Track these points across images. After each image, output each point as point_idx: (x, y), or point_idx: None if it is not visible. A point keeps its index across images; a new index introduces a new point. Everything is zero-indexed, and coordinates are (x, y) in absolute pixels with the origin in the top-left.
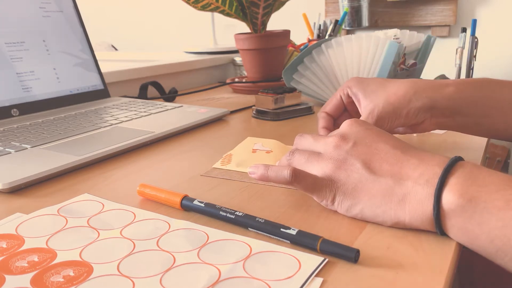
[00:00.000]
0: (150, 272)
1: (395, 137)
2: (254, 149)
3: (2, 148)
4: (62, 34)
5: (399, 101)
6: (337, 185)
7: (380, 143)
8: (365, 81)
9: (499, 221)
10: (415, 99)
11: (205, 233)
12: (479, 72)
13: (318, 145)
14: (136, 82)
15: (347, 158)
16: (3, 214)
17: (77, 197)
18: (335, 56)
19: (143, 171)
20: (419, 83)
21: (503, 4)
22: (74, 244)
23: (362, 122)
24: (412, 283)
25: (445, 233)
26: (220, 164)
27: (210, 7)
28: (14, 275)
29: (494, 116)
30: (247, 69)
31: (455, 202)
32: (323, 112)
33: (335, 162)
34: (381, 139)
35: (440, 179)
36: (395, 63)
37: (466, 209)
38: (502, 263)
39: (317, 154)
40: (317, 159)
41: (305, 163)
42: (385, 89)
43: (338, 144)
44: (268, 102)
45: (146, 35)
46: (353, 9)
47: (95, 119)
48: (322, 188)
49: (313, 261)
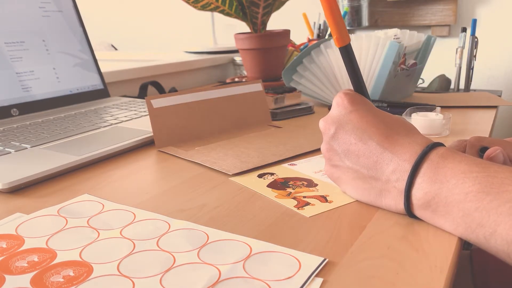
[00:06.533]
0: (150, 272)
1: (376, 117)
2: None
3: (2, 148)
4: (61, 34)
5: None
6: (331, 172)
7: (359, 132)
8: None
9: (460, 211)
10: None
11: (205, 233)
12: (479, 72)
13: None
14: (136, 82)
15: (331, 145)
16: (3, 214)
17: (77, 197)
18: (334, 56)
19: (143, 171)
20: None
21: (503, 4)
22: (74, 244)
23: (349, 101)
24: (412, 283)
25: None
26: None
27: (210, 6)
28: (14, 275)
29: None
30: (247, 69)
31: (421, 198)
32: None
33: (324, 150)
34: (360, 127)
35: (409, 179)
36: (395, 63)
37: (431, 204)
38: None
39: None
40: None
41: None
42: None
43: (324, 132)
44: (268, 102)
45: (146, 35)
46: (353, 8)
47: (95, 119)
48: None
49: (313, 261)
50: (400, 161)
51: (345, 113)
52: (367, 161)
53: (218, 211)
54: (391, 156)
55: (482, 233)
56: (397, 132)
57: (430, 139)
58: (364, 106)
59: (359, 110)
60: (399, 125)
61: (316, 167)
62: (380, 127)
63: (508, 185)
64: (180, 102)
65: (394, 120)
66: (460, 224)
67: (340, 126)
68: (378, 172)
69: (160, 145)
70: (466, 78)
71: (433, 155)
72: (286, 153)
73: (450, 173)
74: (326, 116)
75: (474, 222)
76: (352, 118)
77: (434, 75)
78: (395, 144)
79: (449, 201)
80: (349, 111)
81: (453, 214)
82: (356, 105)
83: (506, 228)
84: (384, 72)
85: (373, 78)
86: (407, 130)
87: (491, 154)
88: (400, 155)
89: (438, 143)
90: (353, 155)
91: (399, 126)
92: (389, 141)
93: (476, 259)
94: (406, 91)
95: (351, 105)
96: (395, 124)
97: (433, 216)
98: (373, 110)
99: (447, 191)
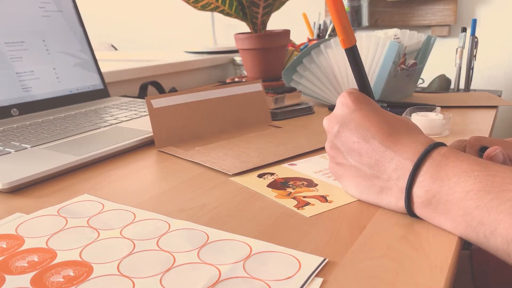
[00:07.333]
0: (150, 272)
1: (380, 116)
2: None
3: (2, 148)
4: (61, 34)
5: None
6: (334, 169)
7: (362, 131)
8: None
9: (460, 210)
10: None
11: (205, 233)
12: (479, 72)
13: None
14: (136, 82)
15: (334, 144)
16: (3, 214)
17: (77, 197)
18: (334, 56)
19: (143, 171)
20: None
21: (503, 4)
22: (74, 244)
23: (353, 100)
24: (412, 283)
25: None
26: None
27: (210, 6)
28: (14, 275)
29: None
30: (247, 69)
31: (422, 196)
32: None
33: (328, 148)
34: (364, 126)
35: (410, 177)
36: (395, 63)
37: (432, 202)
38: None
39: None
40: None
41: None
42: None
43: (327, 130)
44: (268, 102)
45: (146, 35)
46: (353, 8)
47: (95, 118)
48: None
49: (313, 261)
50: (402, 159)
51: (348, 112)
52: (369, 159)
53: (218, 211)
54: (393, 154)
55: (482, 232)
56: (400, 132)
57: (432, 139)
58: (368, 105)
59: (363, 110)
60: (402, 125)
61: (316, 167)
62: (383, 127)
63: (508, 184)
64: (180, 102)
65: (397, 120)
66: (460, 223)
67: (343, 125)
68: (380, 170)
69: (160, 145)
70: (466, 78)
71: (435, 154)
72: (286, 153)
73: (452, 171)
74: (330, 115)
75: (475, 220)
76: (356, 117)
77: (434, 75)
78: (397, 143)
79: (450, 199)
80: (352, 110)
81: (453, 212)
82: (359, 104)
83: (506, 226)
84: (384, 72)
85: (373, 78)
86: (410, 130)
87: (490, 153)
88: (402, 153)
89: (440, 143)
90: (356, 153)
91: (402, 126)
92: (391, 140)
93: (476, 259)
94: (406, 91)
95: (354, 104)
96: (398, 123)
97: (433, 215)
98: (376, 109)
99: (448, 189)
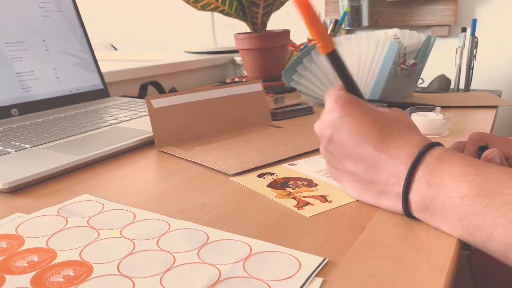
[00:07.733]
0: (150, 272)
1: (371, 118)
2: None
3: (2, 148)
4: (61, 34)
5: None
6: (332, 172)
7: (354, 136)
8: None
9: (457, 215)
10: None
11: (205, 233)
12: (479, 72)
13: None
14: (136, 82)
15: (328, 149)
16: (3, 214)
17: (77, 197)
18: None
19: (143, 171)
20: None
21: (503, 4)
22: (74, 244)
23: (341, 105)
24: (412, 283)
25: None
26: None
27: (210, 6)
28: (14, 275)
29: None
30: (247, 69)
31: (419, 201)
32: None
33: (323, 152)
34: (355, 131)
35: (405, 182)
36: (395, 63)
37: (429, 207)
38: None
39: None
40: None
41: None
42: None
43: (320, 136)
44: (268, 102)
45: (146, 35)
46: (353, 8)
47: (95, 119)
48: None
49: (313, 261)
50: (397, 164)
51: (337, 118)
52: (364, 165)
53: (218, 211)
54: (387, 159)
55: (480, 236)
56: (393, 133)
57: (427, 138)
58: (357, 107)
59: (351, 114)
60: (395, 124)
61: (316, 167)
62: (375, 129)
63: (504, 187)
64: (180, 102)
65: (389, 120)
66: (457, 227)
67: (334, 131)
68: (376, 176)
69: (160, 145)
70: (466, 78)
71: (429, 157)
72: (286, 153)
73: (446, 176)
74: (320, 120)
75: (471, 225)
76: (345, 123)
77: (434, 75)
78: (390, 147)
79: (446, 204)
80: (341, 116)
81: (450, 218)
82: (348, 108)
83: (503, 231)
84: (384, 72)
85: (373, 78)
86: (403, 130)
87: (488, 156)
88: (396, 158)
89: (435, 143)
90: (350, 159)
91: (395, 126)
92: (384, 143)
93: (475, 259)
94: (406, 91)
95: (342, 109)
96: (391, 123)
97: (431, 219)
98: (366, 111)
99: (444, 194)
